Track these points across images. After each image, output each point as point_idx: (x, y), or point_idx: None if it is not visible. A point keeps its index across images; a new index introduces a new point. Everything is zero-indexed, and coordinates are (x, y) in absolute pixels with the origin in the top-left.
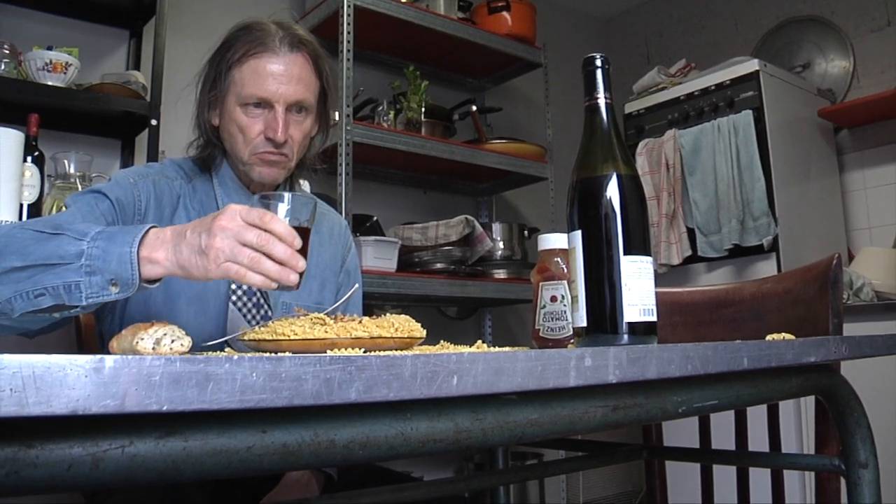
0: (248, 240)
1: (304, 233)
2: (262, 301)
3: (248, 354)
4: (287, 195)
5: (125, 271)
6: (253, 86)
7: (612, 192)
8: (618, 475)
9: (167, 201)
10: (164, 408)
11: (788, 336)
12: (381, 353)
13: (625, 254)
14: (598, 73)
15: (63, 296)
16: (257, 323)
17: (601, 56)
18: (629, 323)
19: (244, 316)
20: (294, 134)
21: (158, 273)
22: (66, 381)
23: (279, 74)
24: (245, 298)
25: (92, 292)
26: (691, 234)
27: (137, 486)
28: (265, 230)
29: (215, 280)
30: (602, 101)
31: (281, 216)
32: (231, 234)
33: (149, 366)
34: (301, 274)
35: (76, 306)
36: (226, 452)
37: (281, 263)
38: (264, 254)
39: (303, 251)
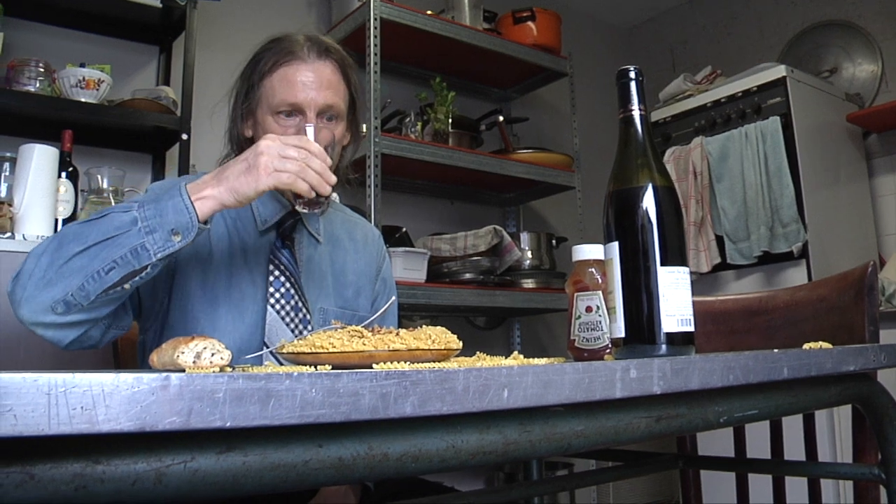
0: (291, 154)
1: (330, 154)
2: (300, 304)
3: (307, 370)
4: (310, 126)
5: (183, 217)
6: (284, 92)
7: (649, 203)
8: (649, 483)
9: None
10: (228, 424)
11: (825, 345)
12: (435, 368)
13: (662, 264)
14: (632, 84)
15: (132, 261)
16: (296, 326)
17: (635, 68)
18: (667, 333)
19: (282, 319)
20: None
21: (210, 206)
22: (134, 398)
23: (309, 81)
24: (283, 301)
25: (158, 247)
26: (720, 241)
27: (199, 500)
28: (303, 148)
29: (253, 284)
30: (636, 113)
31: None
32: (276, 150)
33: (213, 383)
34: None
35: (145, 269)
36: (284, 467)
37: (318, 174)
38: (307, 165)
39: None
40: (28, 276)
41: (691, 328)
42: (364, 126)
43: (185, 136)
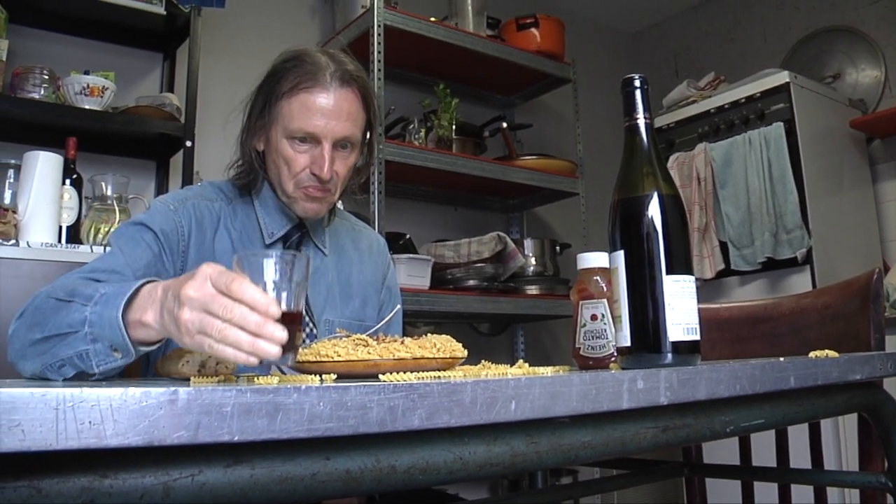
0: (214, 311)
1: (296, 294)
2: (306, 318)
3: (315, 383)
4: (274, 253)
5: (117, 337)
6: (301, 120)
7: (654, 211)
8: (654, 489)
9: (208, 223)
10: (236, 438)
11: (831, 353)
12: (442, 380)
13: (667, 273)
14: (638, 93)
15: (79, 364)
16: (302, 341)
17: (640, 77)
18: (673, 342)
19: None
20: (339, 170)
21: (153, 337)
22: (142, 412)
23: (328, 110)
24: None
25: (100, 360)
26: (724, 247)
27: None
28: (235, 299)
29: None
30: (642, 122)
31: (267, 276)
32: (198, 305)
33: (220, 396)
34: (293, 343)
35: (93, 374)
36: (291, 480)
37: (253, 335)
38: (235, 325)
39: (292, 318)
40: (10, 340)
41: (697, 337)
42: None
43: (189, 143)
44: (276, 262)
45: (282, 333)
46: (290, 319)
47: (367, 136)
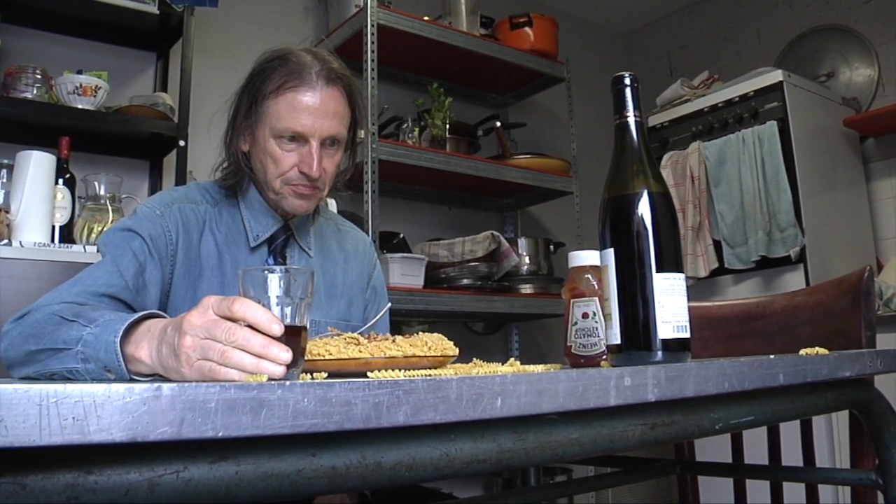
0: (217, 335)
1: (300, 309)
2: None
3: (300, 379)
4: (278, 268)
5: (112, 361)
6: (289, 119)
7: (644, 209)
8: (648, 487)
9: (194, 226)
10: (220, 434)
11: (822, 350)
12: (428, 377)
13: (657, 271)
14: (628, 91)
15: (69, 377)
16: None
17: (630, 74)
18: (663, 340)
19: None
20: (327, 167)
21: (144, 372)
22: (126, 408)
23: (315, 109)
24: None
25: (92, 378)
26: (717, 246)
27: None
28: (238, 317)
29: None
30: (632, 120)
31: (271, 291)
32: (200, 331)
33: (204, 392)
34: (298, 358)
35: None
36: (277, 476)
37: (257, 356)
38: (239, 348)
39: (296, 332)
40: (2, 342)
41: (687, 334)
42: (362, 132)
43: (182, 143)
44: (280, 277)
45: (286, 355)
46: (294, 334)
47: (352, 133)
